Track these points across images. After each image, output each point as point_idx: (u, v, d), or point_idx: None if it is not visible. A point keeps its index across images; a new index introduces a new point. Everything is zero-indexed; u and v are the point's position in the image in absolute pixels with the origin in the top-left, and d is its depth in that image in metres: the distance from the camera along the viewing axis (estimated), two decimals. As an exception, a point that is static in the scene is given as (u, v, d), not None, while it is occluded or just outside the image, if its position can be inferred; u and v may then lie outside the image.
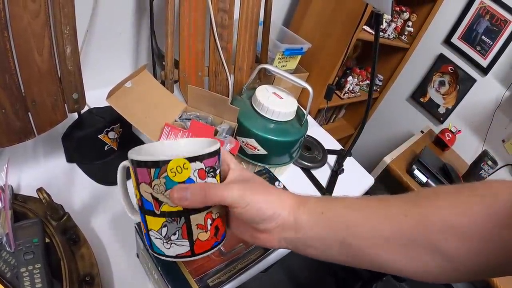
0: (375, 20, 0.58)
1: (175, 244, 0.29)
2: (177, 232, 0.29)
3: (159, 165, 0.27)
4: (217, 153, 0.29)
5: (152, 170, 0.27)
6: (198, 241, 0.29)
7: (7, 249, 0.41)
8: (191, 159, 0.27)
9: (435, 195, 0.26)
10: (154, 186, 0.27)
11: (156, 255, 0.31)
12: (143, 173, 0.27)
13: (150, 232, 0.30)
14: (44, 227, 0.44)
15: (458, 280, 0.25)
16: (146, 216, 0.29)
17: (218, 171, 0.30)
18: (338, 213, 0.28)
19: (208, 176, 0.29)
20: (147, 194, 0.28)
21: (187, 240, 0.29)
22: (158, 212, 0.28)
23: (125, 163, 0.32)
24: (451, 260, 0.23)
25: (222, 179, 0.31)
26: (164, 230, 0.29)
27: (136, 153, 0.28)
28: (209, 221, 0.29)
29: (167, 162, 0.27)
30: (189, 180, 0.27)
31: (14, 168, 0.55)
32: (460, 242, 0.23)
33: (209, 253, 0.30)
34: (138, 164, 0.28)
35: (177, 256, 0.29)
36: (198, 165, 0.28)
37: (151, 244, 0.30)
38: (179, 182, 0.27)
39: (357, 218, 0.27)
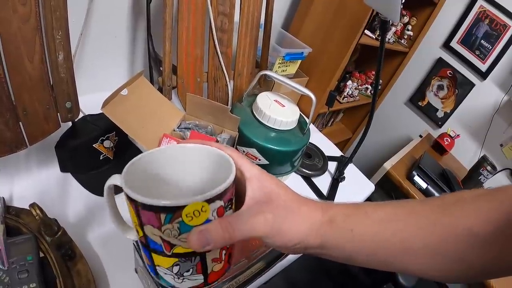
0: (381, 27, 0.57)
1: (188, 279, 0.26)
2: (191, 269, 0.25)
3: (172, 211, 0.22)
4: (234, 180, 0.26)
5: (163, 215, 0.23)
6: (212, 272, 0.27)
7: (0, 266, 0.39)
8: (211, 200, 0.23)
9: (458, 202, 0.26)
10: (164, 230, 0.23)
11: (164, 285, 0.27)
12: (149, 216, 0.23)
13: (158, 268, 0.26)
14: (38, 243, 0.42)
15: (474, 279, 0.27)
16: (153, 254, 0.25)
17: (234, 199, 0.27)
18: (367, 230, 0.27)
19: (226, 211, 0.25)
20: (155, 236, 0.24)
21: (202, 275, 0.26)
22: (169, 253, 0.24)
23: (112, 181, 0.28)
24: (473, 266, 0.25)
25: (236, 196, 0.28)
26: (176, 268, 0.25)
27: (132, 183, 0.24)
28: (224, 252, 0.27)
29: (183, 207, 0.22)
30: (207, 221, 0.24)
31: (5, 178, 0.53)
32: (484, 251, 0.24)
33: (221, 279, 0.28)
34: (143, 206, 0.23)
35: None
36: (217, 203, 0.24)
37: (157, 275, 0.27)
38: (195, 226, 0.23)
39: (387, 233, 0.27)
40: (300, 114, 0.70)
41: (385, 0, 0.55)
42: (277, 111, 0.63)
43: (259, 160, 0.62)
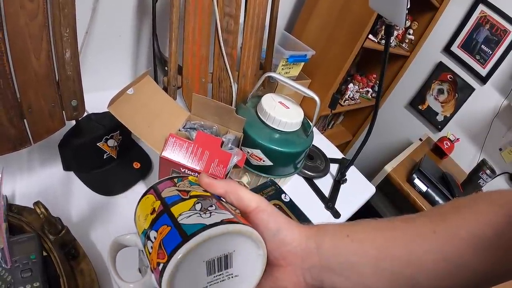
0: (386, 31, 0.57)
1: (216, 212, 0.24)
2: (213, 205, 0.25)
3: (181, 177, 0.30)
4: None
5: (175, 179, 0.29)
6: (238, 216, 0.25)
7: (3, 265, 0.38)
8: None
9: (456, 208, 0.26)
10: (179, 185, 0.28)
11: (193, 238, 0.21)
12: (166, 184, 0.28)
13: (180, 217, 0.23)
14: (41, 242, 0.42)
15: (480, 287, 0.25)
16: (172, 209, 0.24)
17: None
18: (365, 235, 0.26)
19: None
20: (172, 192, 0.27)
21: (227, 211, 0.25)
22: (187, 197, 0.26)
23: (118, 241, 0.30)
24: (477, 272, 0.23)
25: None
26: (198, 205, 0.24)
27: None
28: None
29: (187, 176, 0.30)
30: None
31: (8, 176, 0.52)
32: (486, 255, 0.23)
33: (254, 231, 0.24)
34: (161, 181, 0.29)
35: (223, 222, 0.22)
36: None
37: (180, 231, 0.22)
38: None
39: (387, 238, 0.25)
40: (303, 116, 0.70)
41: (391, 4, 0.56)
42: (282, 112, 0.63)
43: (263, 161, 0.62)
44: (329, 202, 0.80)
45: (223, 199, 0.28)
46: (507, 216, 0.23)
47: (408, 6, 0.54)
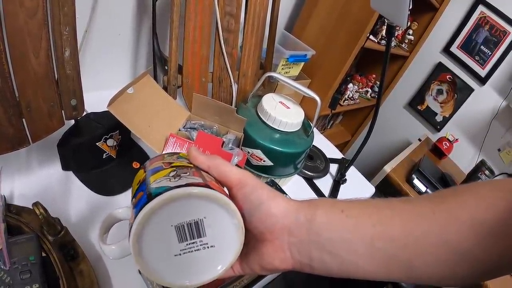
0: (387, 32, 0.57)
1: (185, 177, 0.24)
2: (188, 173, 0.25)
3: (172, 153, 0.29)
4: None
5: (165, 155, 0.29)
6: (211, 183, 0.24)
7: (2, 266, 0.38)
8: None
9: (457, 192, 0.24)
10: (166, 159, 0.28)
11: (155, 198, 0.22)
12: (156, 159, 0.28)
13: (152, 185, 0.24)
14: (40, 243, 0.42)
15: (484, 277, 0.23)
16: (151, 177, 0.25)
17: None
18: (361, 211, 0.25)
19: None
20: (157, 164, 0.27)
21: (200, 178, 0.24)
22: (167, 167, 0.26)
23: (112, 214, 0.30)
24: (481, 262, 0.22)
25: None
26: (173, 173, 0.25)
27: None
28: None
29: (178, 153, 0.30)
30: None
31: (6, 176, 0.51)
32: (490, 242, 0.21)
33: (221, 196, 0.23)
34: (152, 158, 0.29)
35: (187, 185, 0.22)
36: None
37: (148, 194, 0.23)
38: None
39: (384, 216, 0.24)
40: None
41: (393, 5, 0.55)
42: (283, 112, 0.63)
43: (264, 161, 0.61)
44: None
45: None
46: (510, 203, 0.21)
47: (411, 7, 0.54)
